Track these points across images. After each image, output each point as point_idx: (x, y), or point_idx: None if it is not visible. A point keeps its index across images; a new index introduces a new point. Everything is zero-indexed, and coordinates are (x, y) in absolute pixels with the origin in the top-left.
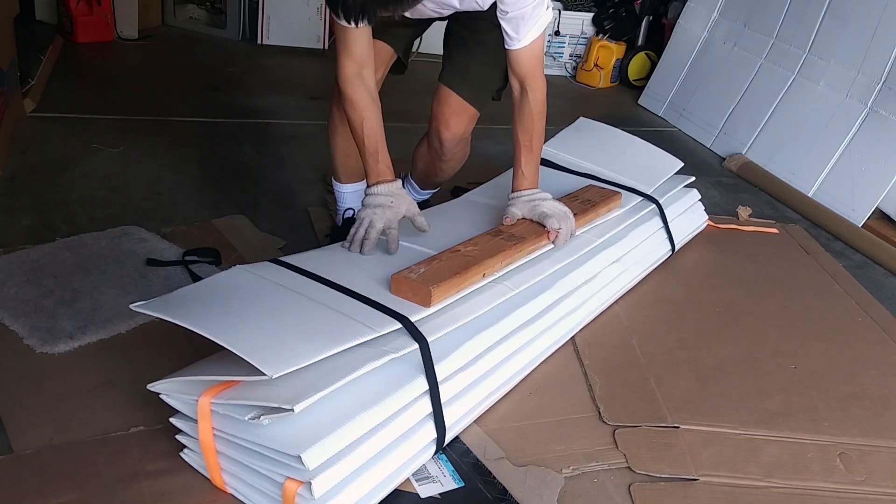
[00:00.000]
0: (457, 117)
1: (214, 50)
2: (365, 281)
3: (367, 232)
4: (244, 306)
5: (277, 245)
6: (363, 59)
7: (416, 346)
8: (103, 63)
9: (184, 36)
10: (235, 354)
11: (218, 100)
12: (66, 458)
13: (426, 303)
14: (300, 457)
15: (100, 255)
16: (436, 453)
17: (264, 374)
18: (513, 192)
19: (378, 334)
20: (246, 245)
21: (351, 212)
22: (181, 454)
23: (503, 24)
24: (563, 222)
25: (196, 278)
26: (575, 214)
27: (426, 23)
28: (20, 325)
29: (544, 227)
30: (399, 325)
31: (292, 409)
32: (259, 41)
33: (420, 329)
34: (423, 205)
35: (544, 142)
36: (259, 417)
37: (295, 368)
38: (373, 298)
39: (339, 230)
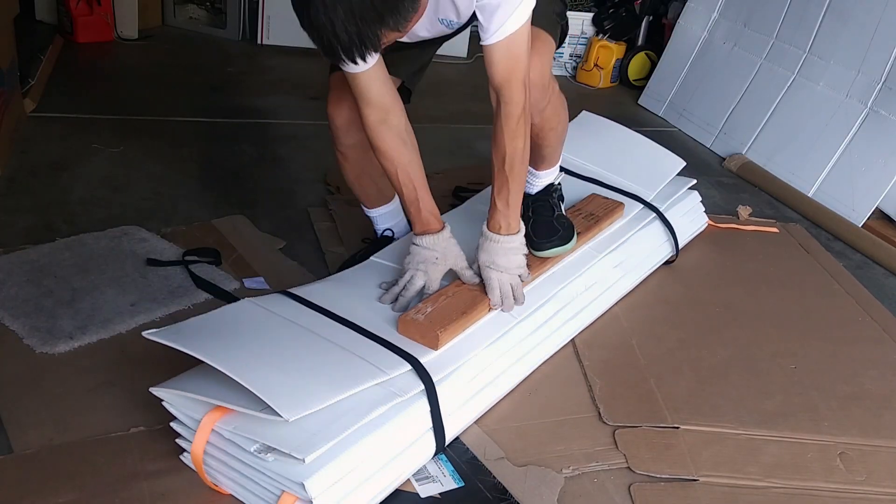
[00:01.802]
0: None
1: (214, 50)
2: (373, 318)
3: (405, 290)
4: (257, 342)
5: (277, 245)
6: (384, 102)
7: (422, 387)
8: (103, 63)
9: (184, 36)
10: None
11: (218, 100)
12: (66, 458)
13: (433, 346)
14: (303, 484)
15: (100, 255)
16: (435, 455)
17: (279, 415)
18: (485, 226)
19: (388, 377)
20: (246, 245)
21: (390, 232)
22: (181, 457)
23: (479, 15)
24: (505, 300)
25: (196, 278)
26: (579, 232)
27: (428, 44)
28: (20, 325)
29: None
30: (409, 367)
31: (303, 460)
32: (259, 41)
33: (427, 368)
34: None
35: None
36: (265, 453)
37: (310, 412)
38: (382, 337)
39: (377, 242)
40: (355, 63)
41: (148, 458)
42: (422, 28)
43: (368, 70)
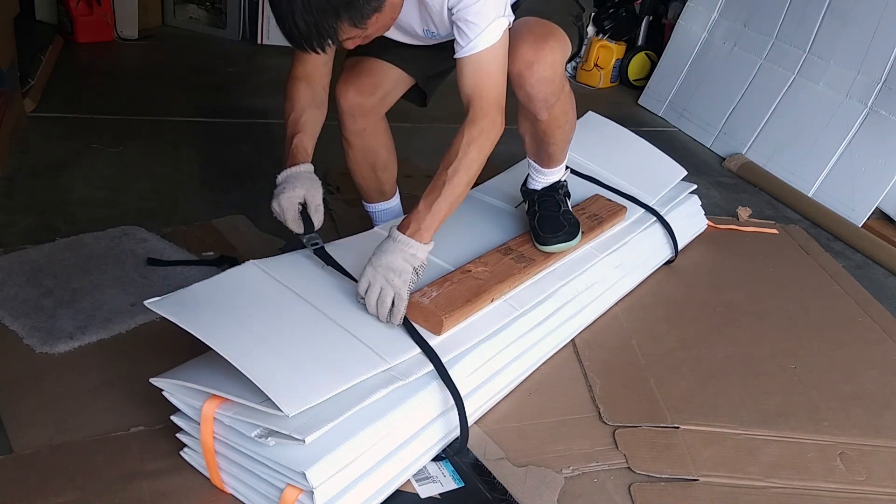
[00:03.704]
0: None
1: (214, 50)
2: None
3: (279, 216)
4: (259, 320)
5: (277, 245)
6: (315, 73)
7: (423, 371)
8: (103, 63)
9: (184, 36)
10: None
11: (218, 100)
12: (66, 458)
13: (437, 331)
14: (304, 473)
15: (100, 255)
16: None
17: (280, 410)
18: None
19: (389, 365)
20: (246, 245)
21: None
22: (181, 453)
23: (454, 30)
24: (372, 303)
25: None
26: (582, 232)
27: (446, 52)
28: (20, 325)
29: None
30: (410, 355)
31: (303, 441)
32: (259, 41)
33: (436, 350)
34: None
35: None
36: (266, 438)
37: (310, 405)
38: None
39: None
40: (316, 52)
41: (148, 457)
42: (408, 34)
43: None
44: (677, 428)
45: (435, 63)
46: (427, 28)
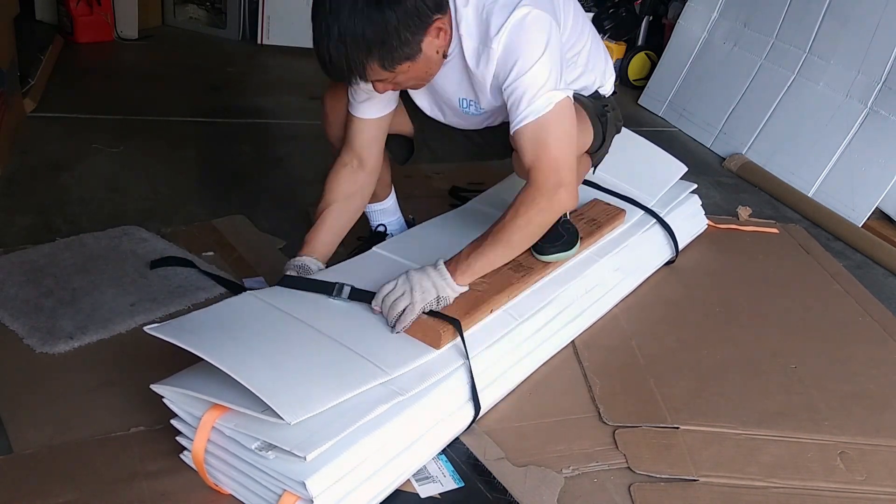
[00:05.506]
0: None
1: (214, 50)
2: (372, 316)
3: None
4: (259, 339)
5: (278, 245)
6: (363, 154)
7: (425, 384)
8: (103, 63)
9: (184, 36)
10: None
11: (218, 100)
12: (66, 458)
13: (436, 345)
14: (304, 483)
15: (100, 255)
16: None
17: (281, 418)
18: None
19: (390, 377)
20: (246, 245)
21: (383, 227)
22: (181, 456)
23: (507, 102)
24: (384, 305)
25: (206, 273)
26: (581, 238)
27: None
28: (20, 325)
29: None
30: (410, 368)
31: (304, 458)
32: (259, 41)
33: (429, 366)
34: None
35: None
36: (266, 451)
37: (312, 414)
38: (384, 330)
39: (371, 238)
40: (347, 82)
41: (148, 458)
42: (439, 100)
43: (365, 119)
44: (677, 428)
45: (440, 132)
46: (463, 97)
